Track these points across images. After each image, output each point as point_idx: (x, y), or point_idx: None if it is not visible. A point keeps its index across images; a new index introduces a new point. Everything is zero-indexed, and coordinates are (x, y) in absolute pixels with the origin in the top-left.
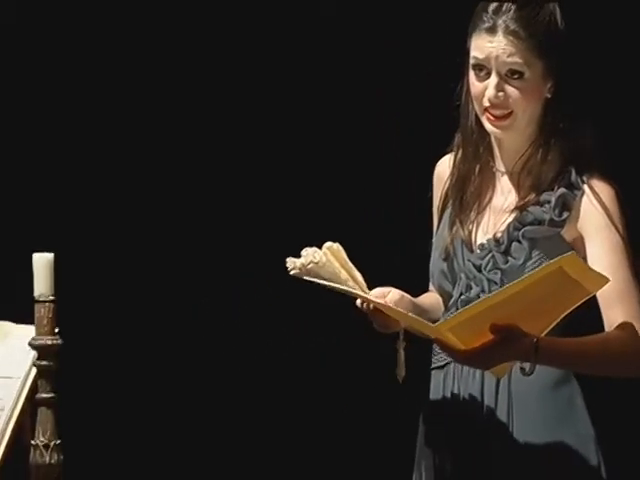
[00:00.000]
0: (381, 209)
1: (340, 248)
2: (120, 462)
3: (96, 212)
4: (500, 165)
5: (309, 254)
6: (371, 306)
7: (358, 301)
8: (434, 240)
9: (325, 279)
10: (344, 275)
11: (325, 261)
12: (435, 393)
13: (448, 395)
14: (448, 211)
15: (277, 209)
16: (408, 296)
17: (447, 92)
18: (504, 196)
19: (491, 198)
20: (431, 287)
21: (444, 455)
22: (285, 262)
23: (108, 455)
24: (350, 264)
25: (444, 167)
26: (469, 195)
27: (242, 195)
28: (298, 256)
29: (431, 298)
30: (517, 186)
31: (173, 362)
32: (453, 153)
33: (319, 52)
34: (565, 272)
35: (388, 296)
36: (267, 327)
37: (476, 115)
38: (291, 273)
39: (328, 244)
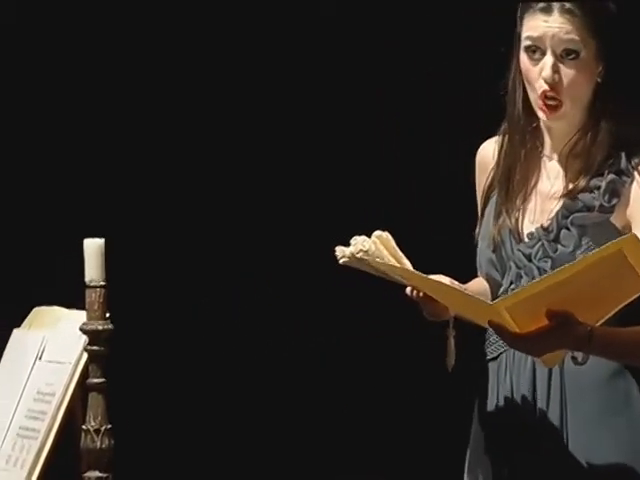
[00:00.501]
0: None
1: (389, 237)
2: (169, 447)
3: (146, 197)
4: (548, 150)
5: (358, 243)
6: (421, 294)
7: (408, 289)
8: (479, 229)
9: (374, 267)
10: (392, 262)
11: (374, 249)
12: (490, 386)
13: (500, 389)
14: (493, 199)
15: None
16: (457, 282)
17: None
18: (550, 181)
19: (537, 183)
20: (479, 275)
21: (498, 453)
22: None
23: (157, 440)
24: (399, 252)
25: (487, 152)
26: (515, 183)
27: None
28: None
29: (479, 285)
30: (565, 171)
31: (223, 344)
32: (497, 141)
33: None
34: (624, 256)
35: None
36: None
37: (523, 102)
38: (340, 262)
39: (377, 233)
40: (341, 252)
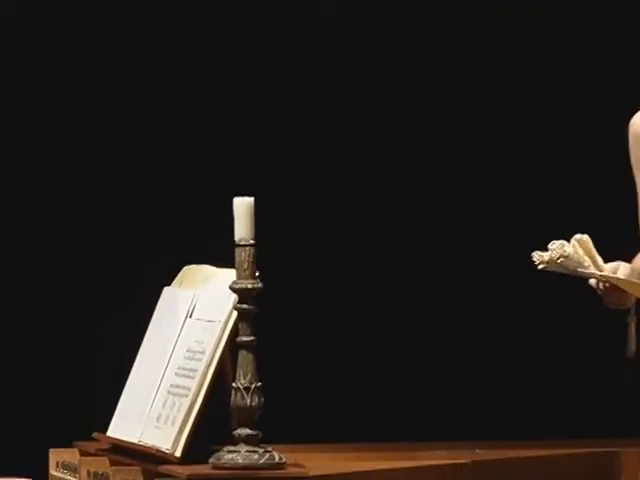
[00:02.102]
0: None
1: (588, 239)
2: (318, 404)
3: (295, 155)
4: None
5: (557, 248)
6: (607, 284)
7: (592, 281)
8: None
9: (570, 269)
10: (587, 262)
11: (573, 253)
12: None
13: None
14: None
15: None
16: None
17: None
18: None
19: None
20: None
21: None
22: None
23: (307, 397)
24: (594, 251)
25: None
26: None
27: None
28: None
29: None
30: None
31: (371, 303)
32: None
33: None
34: None
35: (619, 270)
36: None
37: None
38: (539, 268)
39: (577, 236)
40: (539, 257)
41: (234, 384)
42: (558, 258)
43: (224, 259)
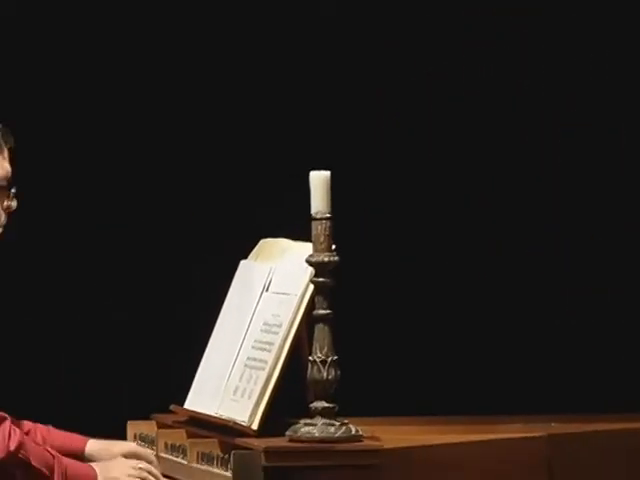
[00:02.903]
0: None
1: None
2: (394, 377)
3: (370, 129)
4: None
5: None
6: None
7: None
8: None
9: None
10: None
11: None
12: None
13: None
14: None
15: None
16: None
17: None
18: None
19: None
20: None
21: None
22: None
23: (383, 370)
24: None
25: None
26: None
27: None
28: None
29: None
30: None
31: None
32: None
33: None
34: None
35: None
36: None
37: None
38: None
39: None
40: None
41: (310, 357)
42: None
43: (301, 233)
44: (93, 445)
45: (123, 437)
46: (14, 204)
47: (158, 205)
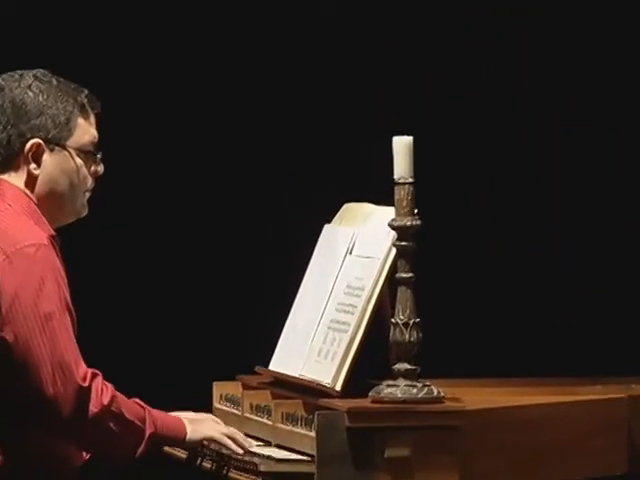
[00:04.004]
0: None
1: None
2: (476, 339)
3: (453, 95)
4: None
5: None
6: None
7: None
8: None
9: None
10: None
11: None
12: None
13: None
14: None
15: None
16: None
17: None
18: None
19: None
20: None
21: None
22: None
23: (464, 333)
24: None
25: None
26: None
27: None
28: None
29: None
30: None
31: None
32: None
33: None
34: None
35: None
36: None
37: None
38: None
39: None
40: None
41: (393, 320)
42: None
43: (383, 197)
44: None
45: (209, 398)
46: (101, 169)
47: (245, 171)
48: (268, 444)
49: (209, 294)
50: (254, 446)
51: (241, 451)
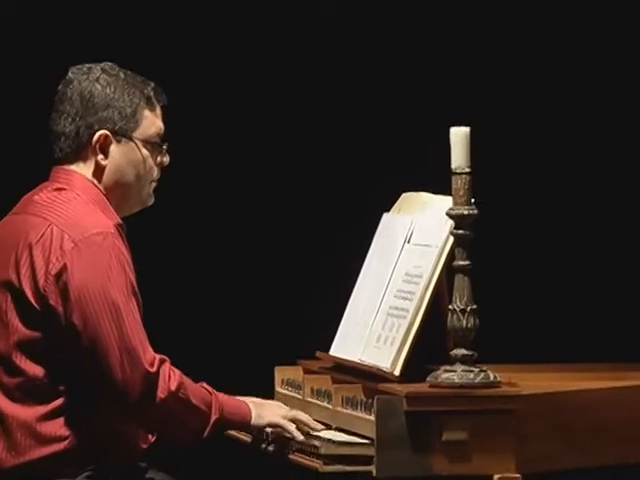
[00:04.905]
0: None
1: None
2: (531, 325)
3: (511, 85)
4: None
5: None
6: None
7: None
8: None
9: None
10: None
11: None
12: None
13: None
14: None
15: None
16: None
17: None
18: None
19: None
20: None
21: None
22: None
23: (520, 319)
24: None
25: None
26: None
27: None
28: None
29: None
30: None
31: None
32: None
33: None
34: None
35: None
36: None
37: None
38: None
39: None
40: None
41: (450, 306)
42: None
43: (441, 187)
44: None
45: (271, 382)
46: (166, 159)
47: (309, 161)
48: (328, 427)
49: (272, 281)
50: (321, 428)
51: (302, 437)
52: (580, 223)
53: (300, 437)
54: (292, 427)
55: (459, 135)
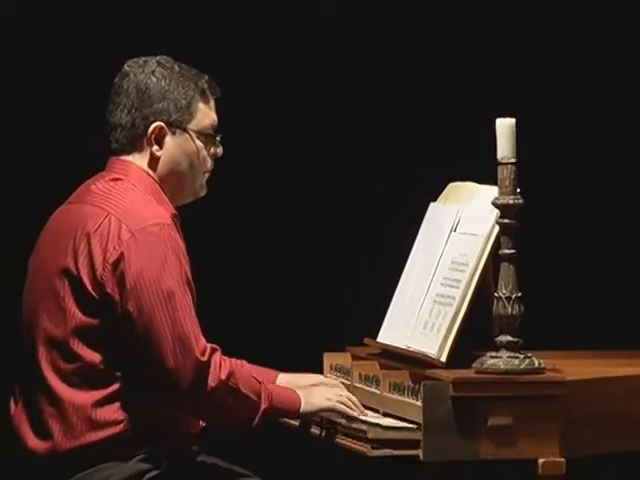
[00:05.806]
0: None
1: None
2: (575, 312)
3: (556, 78)
4: None
5: None
6: None
7: None
8: None
9: None
10: None
11: None
12: None
13: None
14: None
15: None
16: None
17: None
18: None
19: None
20: None
21: None
22: None
23: (565, 307)
24: None
25: None
26: None
27: None
28: None
29: None
30: None
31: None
32: None
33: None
34: None
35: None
36: None
37: None
38: None
39: None
40: None
41: (496, 294)
42: None
43: (488, 177)
44: (283, 378)
45: (320, 368)
46: (220, 151)
47: (358, 152)
48: (376, 412)
49: (321, 270)
50: (367, 413)
51: (356, 414)
52: (623, 210)
53: (354, 414)
54: (343, 407)
55: (505, 126)
